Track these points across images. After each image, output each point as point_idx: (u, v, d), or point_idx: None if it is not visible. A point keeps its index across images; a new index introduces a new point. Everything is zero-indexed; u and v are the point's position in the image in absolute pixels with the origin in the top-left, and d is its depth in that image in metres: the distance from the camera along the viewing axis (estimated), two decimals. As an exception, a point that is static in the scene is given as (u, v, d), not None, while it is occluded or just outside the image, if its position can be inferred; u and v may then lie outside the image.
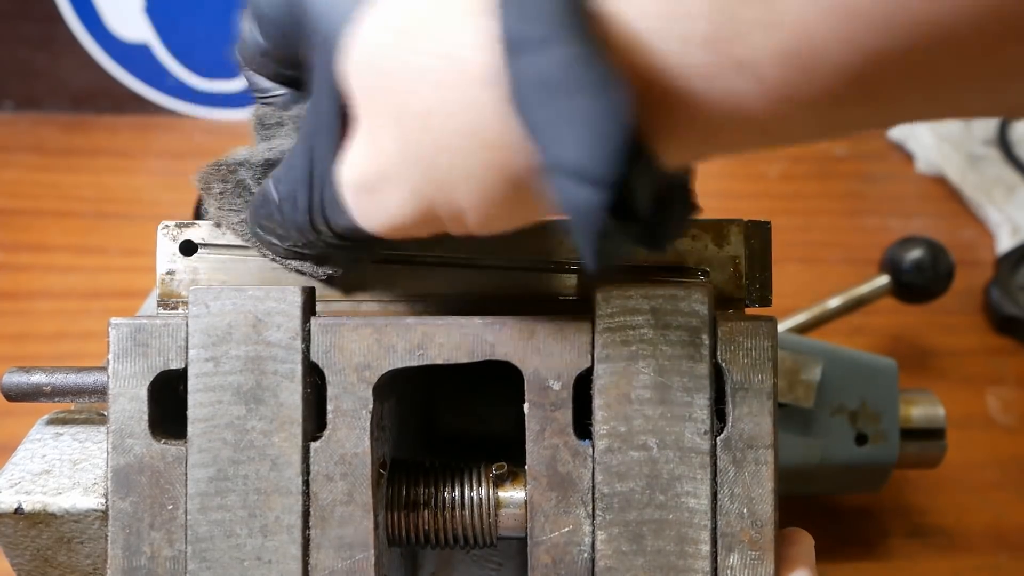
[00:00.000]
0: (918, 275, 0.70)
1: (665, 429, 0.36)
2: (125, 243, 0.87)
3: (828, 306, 0.70)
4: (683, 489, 0.36)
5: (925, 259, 0.70)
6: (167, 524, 0.36)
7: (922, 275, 0.70)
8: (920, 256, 0.70)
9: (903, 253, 0.71)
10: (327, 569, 0.36)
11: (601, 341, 0.36)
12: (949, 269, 0.70)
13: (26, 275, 0.83)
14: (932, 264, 0.70)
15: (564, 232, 0.37)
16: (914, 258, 0.70)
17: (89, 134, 1.03)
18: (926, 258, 0.70)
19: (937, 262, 0.70)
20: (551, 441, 0.36)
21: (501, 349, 0.36)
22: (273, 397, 0.36)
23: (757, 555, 0.36)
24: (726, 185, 1.02)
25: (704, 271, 0.40)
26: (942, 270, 0.70)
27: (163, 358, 0.36)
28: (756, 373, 0.36)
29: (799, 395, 0.52)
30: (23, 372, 0.39)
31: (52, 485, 0.38)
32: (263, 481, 0.36)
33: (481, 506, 0.39)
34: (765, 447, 0.36)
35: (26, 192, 0.94)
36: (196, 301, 0.36)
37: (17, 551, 0.38)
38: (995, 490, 0.65)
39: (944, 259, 0.70)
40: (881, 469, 0.56)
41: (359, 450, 0.36)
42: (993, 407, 0.73)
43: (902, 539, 0.62)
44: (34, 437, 0.40)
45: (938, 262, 0.70)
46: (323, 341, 0.36)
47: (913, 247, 0.71)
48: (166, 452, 0.36)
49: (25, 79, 1.04)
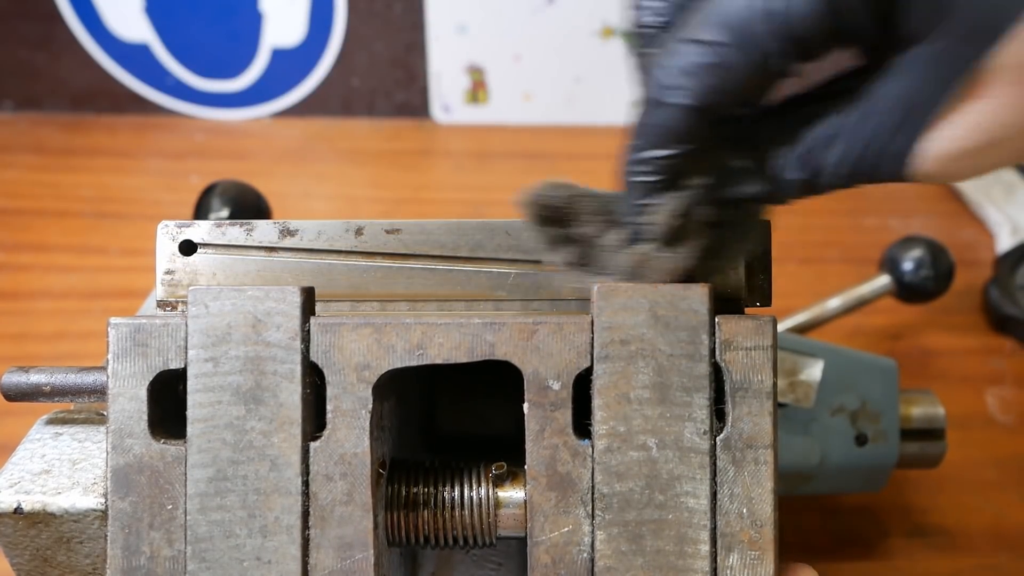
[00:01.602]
0: (918, 275, 0.70)
1: (664, 429, 0.36)
2: (125, 243, 0.87)
3: (828, 306, 0.70)
4: (682, 489, 0.36)
5: (925, 259, 0.70)
6: (166, 524, 0.36)
7: (922, 275, 0.70)
8: (920, 256, 0.70)
9: (903, 253, 0.71)
10: (326, 569, 0.36)
11: (600, 341, 0.36)
12: (949, 269, 0.70)
13: (26, 275, 0.83)
14: (932, 264, 0.70)
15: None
16: (914, 258, 0.70)
17: (89, 134, 1.03)
18: (926, 258, 0.70)
19: (937, 262, 0.70)
20: (551, 441, 0.36)
21: (501, 349, 0.36)
22: (273, 397, 0.36)
23: (757, 555, 0.36)
24: (726, 185, 1.01)
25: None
26: (942, 270, 0.70)
27: (163, 358, 0.36)
28: (756, 373, 0.36)
29: (799, 395, 0.52)
30: (23, 372, 0.39)
31: (51, 485, 0.38)
32: (262, 481, 0.36)
33: (481, 506, 0.39)
34: (765, 447, 0.36)
35: (26, 192, 0.94)
36: (195, 301, 0.36)
37: (16, 551, 0.38)
38: (995, 490, 0.65)
39: (944, 259, 0.70)
40: (881, 469, 0.56)
41: (359, 450, 0.36)
42: (993, 407, 0.73)
43: (902, 539, 0.61)
44: (34, 437, 0.40)
45: (938, 262, 0.70)
46: (323, 341, 0.36)
47: (913, 247, 0.71)
48: (165, 452, 0.36)
49: (25, 79, 1.04)
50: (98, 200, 0.93)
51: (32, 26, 1.01)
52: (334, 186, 0.98)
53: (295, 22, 1.02)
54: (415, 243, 0.40)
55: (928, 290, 0.70)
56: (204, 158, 1.00)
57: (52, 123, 1.04)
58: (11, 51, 1.02)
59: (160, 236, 0.40)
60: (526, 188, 0.37)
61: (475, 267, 0.40)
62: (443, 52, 1.03)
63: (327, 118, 1.07)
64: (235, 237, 0.40)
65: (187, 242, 0.40)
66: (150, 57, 1.03)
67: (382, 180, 1.00)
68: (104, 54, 1.03)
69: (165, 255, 0.40)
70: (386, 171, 1.01)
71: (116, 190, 0.94)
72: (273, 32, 1.02)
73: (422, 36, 1.03)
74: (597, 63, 1.03)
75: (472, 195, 0.96)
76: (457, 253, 0.40)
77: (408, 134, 1.06)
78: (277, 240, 0.40)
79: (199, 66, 1.04)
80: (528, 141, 1.04)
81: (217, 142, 1.03)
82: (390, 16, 1.02)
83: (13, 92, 1.05)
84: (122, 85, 1.05)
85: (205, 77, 1.05)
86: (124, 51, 1.03)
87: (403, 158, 1.03)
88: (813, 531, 0.62)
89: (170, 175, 0.97)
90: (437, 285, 0.40)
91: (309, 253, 0.40)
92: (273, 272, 0.40)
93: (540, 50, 1.03)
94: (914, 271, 0.70)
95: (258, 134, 1.05)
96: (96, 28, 1.01)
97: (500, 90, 1.06)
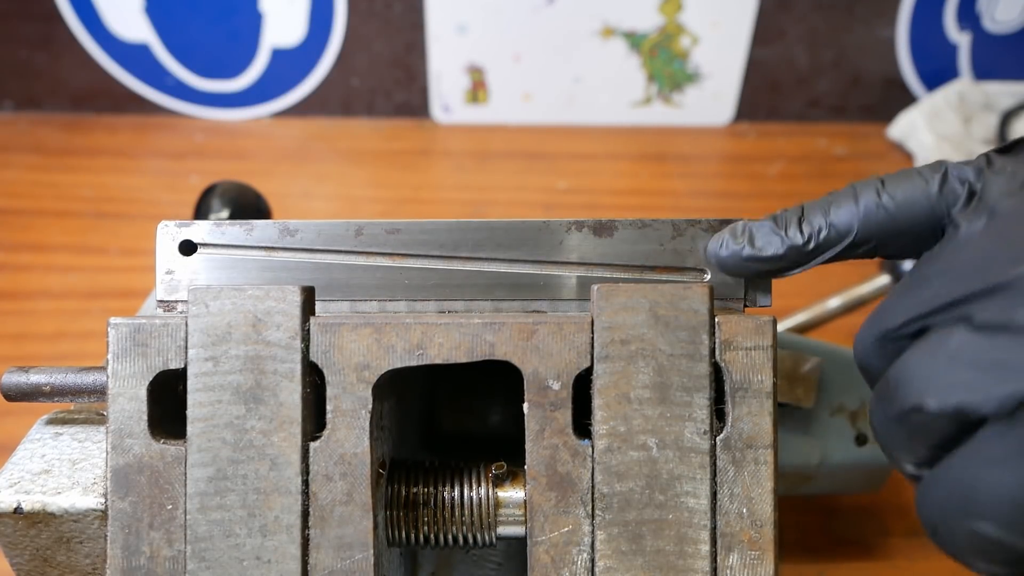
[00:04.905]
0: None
1: (665, 429, 0.36)
2: (124, 243, 0.87)
3: (828, 306, 0.70)
4: (682, 489, 0.36)
5: (925, 259, 0.70)
6: (166, 524, 0.36)
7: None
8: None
9: (903, 253, 0.71)
10: (326, 569, 0.36)
11: (600, 341, 0.36)
12: (949, 269, 0.70)
13: (26, 275, 0.83)
14: (932, 264, 0.70)
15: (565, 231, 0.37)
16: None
17: (88, 134, 1.03)
18: (926, 258, 0.70)
19: (937, 262, 0.70)
20: (550, 441, 0.36)
21: (501, 349, 0.36)
22: (272, 397, 0.36)
23: (757, 555, 0.36)
24: (726, 185, 1.02)
25: (704, 271, 0.40)
26: (942, 270, 0.70)
27: (162, 358, 0.36)
28: (756, 373, 0.36)
29: (799, 395, 0.52)
30: (22, 372, 0.39)
31: (51, 485, 0.38)
32: (262, 481, 0.36)
33: (481, 506, 0.39)
34: (765, 447, 0.36)
35: (26, 192, 0.94)
36: (196, 301, 0.36)
37: (16, 550, 0.38)
38: (995, 490, 0.65)
39: (944, 259, 0.70)
40: (881, 469, 0.56)
41: (358, 450, 0.36)
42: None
43: (902, 539, 0.61)
44: (33, 437, 0.40)
45: (938, 262, 0.70)
46: (322, 341, 0.36)
47: (913, 247, 0.71)
48: (165, 452, 0.36)
49: (25, 79, 1.04)
50: (98, 200, 0.93)
51: (32, 26, 1.01)
52: (334, 186, 0.98)
53: (295, 22, 1.02)
54: (415, 243, 0.40)
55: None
56: (204, 158, 1.00)
57: (52, 123, 1.04)
58: (11, 51, 1.02)
59: (160, 236, 0.40)
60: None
61: (475, 267, 0.40)
62: (443, 52, 1.03)
63: (327, 118, 1.07)
64: (235, 237, 0.40)
65: (187, 242, 0.40)
66: (150, 57, 1.03)
67: (382, 180, 1.00)
68: (104, 54, 1.03)
69: (165, 255, 0.40)
70: (386, 171, 1.01)
71: (116, 190, 0.94)
72: (273, 32, 1.02)
73: (422, 36, 1.03)
74: (597, 63, 1.03)
75: (472, 195, 0.96)
76: (457, 253, 0.40)
77: (408, 134, 1.06)
78: (277, 240, 0.40)
79: (199, 66, 1.04)
80: (528, 141, 1.04)
81: (217, 142, 1.03)
82: (390, 16, 1.02)
83: (13, 92, 1.05)
84: (122, 85, 1.05)
85: (205, 77, 1.05)
86: (124, 51, 1.03)
87: (403, 158, 1.03)
88: (813, 531, 0.62)
89: (170, 175, 0.97)
90: (437, 285, 0.40)
91: (309, 253, 0.40)
92: (273, 272, 0.40)
93: (540, 50, 1.03)
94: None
95: (258, 134, 1.05)
96: (96, 28, 1.01)
97: (500, 90, 1.06)
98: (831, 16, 1.02)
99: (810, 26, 1.03)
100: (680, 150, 1.05)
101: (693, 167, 1.04)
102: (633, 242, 0.40)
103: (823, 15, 1.02)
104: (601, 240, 0.40)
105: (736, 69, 1.05)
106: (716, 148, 1.06)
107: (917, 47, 1.04)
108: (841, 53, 1.05)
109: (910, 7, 1.02)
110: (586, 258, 0.40)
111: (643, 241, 0.40)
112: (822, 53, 1.05)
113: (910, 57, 1.05)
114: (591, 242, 0.40)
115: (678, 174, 1.01)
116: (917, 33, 1.04)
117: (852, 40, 1.04)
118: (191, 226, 0.40)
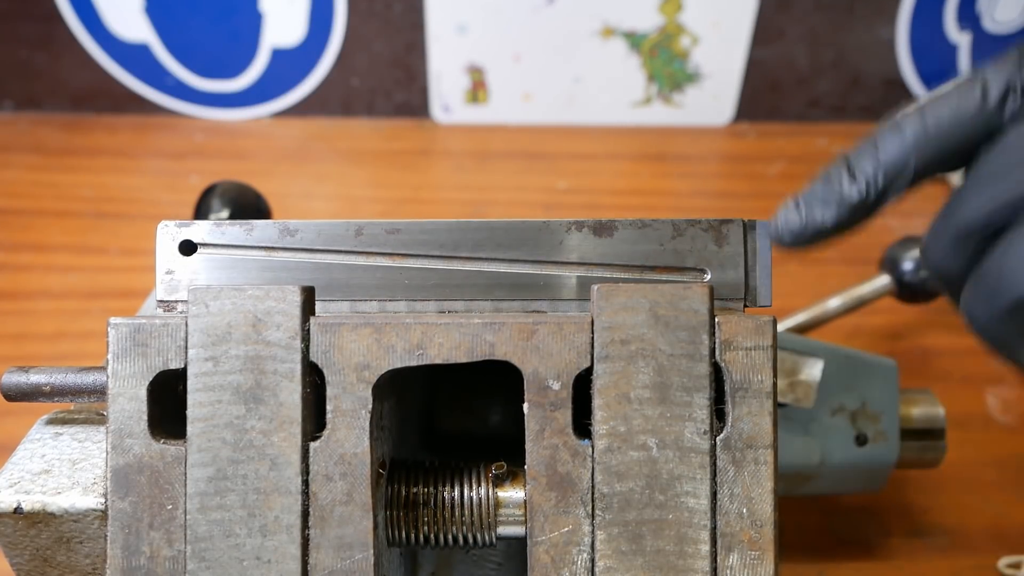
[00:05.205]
0: (918, 275, 0.70)
1: (665, 429, 0.36)
2: (124, 243, 0.87)
3: (828, 306, 0.70)
4: (682, 489, 0.36)
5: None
6: (166, 524, 0.36)
7: (922, 275, 0.70)
8: (920, 256, 0.70)
9: (903, 253, 0.71)
10: (326, 569, 0.36)
11: (600, 341, 0.36)
12: (949, 269, 0.70)
13: (26, 275, 0.83)
14: (932, 264, 0.70)
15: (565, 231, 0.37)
16: (914, 258, 0.70)
17: (88, 134, 1.03)
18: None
19: (937, 262, 0.70)
20: (550, 441, 0.36)
21: (501, 349, 0.36)
22: (272, 397, 0.36)
23: (757, 555, 0.36)
24: (726, 185, 1.02)
25: (704, 271, 0.40)
26: (942, 270, 0.70)
27: (162, 358, 0.36)
28: (756, 373, 0.36)
29: (799, 395, 0.52)
30: (22, 372, 0.39)
31: (51, 485, 0.38)
32: (262, 481, 0.36)
33: (481, 506, 0.39)
34: (765, 447, 0.36)
35: (26, 192, 0.94)
36: (195, 300, 0.36)
37: (16, 550, 0.38)
38: (995, 490, 0.65)
39: (944, 259, 0.70)
40: (881, 469, 0.56)
41: (358, 450, 0.36)
42: (993, 407, 0.72)
43: (902, 539, 0.61)
44: (33, 437, 0.40)
45: (938, 262, 0.70)
46: (322, 341, 0.36)
47: (913, 247, 0.71)
48: (165, 452, 0.36)
49: (25, 79, 1.04)
50: (98, 200, 0.93)
51: (32, 26, 1.01)
52: (334, 186, 0.98)
53: (295, 22, 1.02)
54: (415, 243, 0.40)
55: (928, 290, 0.70)
56: (204, 158, 1.00)
57: (52, 123, 1.04)
58: (11, 51, 1.02)
59: (160, 236, 0.40)
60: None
61: (475, 267, 0.40)
62: (443, 52, 1.03)
63: (327, 118, 1.07)
64: (235, 237, 0.40)
65: (187, 242, 0.40)
66: (150, 57, 1.03)
67: (382, 180, 1.00)
68: (104, 54, 1.03)
69: (165, 255, 0.40)
70: (386, 171, 1.01)
71: (116, 190, 0.94)
72: (273, 32, 1.02)
73: (422, 36, 1.03)
74: (597, 63, 1.03)
75: (472, 195, 0.96)
76: (457, 253, 0.40)
77: (408, 134, 1.06)
78: (277, 240, 0.40)
79: (199, 66, 1.04)
80: (528, 141, 1.04)
81: (217, 142, 1.03)
82: (390, 16, 1.02)
83: (13, 92, 1.05)
84: (122, 85, 1.05)
85: (205, 77, 1.05)
86: (124, 51, 1.03)
87: (403, 158, 1.03)
88: (813, 531, 0.62)
89: (170, 175, 0.97)
90: (437, 285, 0.40)
91: (309, 253, 0.40)
92: (273, 272, 0.40)
93: (540, 50, 1.03)
94: (914, 271, 0.70)
95: (258, 134, 1.05)
96: (96, 28, 1.01)
97: (500, 90, 1.06)
98: (831, 16, 1.02)
99: (810, 26, 1.03)
100: (680, 150, 1.05)
101: (693, 167, 1.04)
102: (633, 242, 0.40)
103: (823, 15, 1.02)
104: (601, 240, 0.40)
105: (736, 69, 1.05)
106: (716, 148, 1.06)
107: (917, 47, 1.04)
108: (841, 53, 1.05)
109: (910, 7, 1.02)
110: (586, 258, 0.40)
111: (643, 241, 0.40)
112: (822, 53, 1.05)
113: (910, 57, 1.05)
114: (591, 242, 0.40)
115: (678, 174, 1.01)
116: (917, 33, 1.04)
117: (852, 40, 1.04)
118: (191, 226, 0.40)
